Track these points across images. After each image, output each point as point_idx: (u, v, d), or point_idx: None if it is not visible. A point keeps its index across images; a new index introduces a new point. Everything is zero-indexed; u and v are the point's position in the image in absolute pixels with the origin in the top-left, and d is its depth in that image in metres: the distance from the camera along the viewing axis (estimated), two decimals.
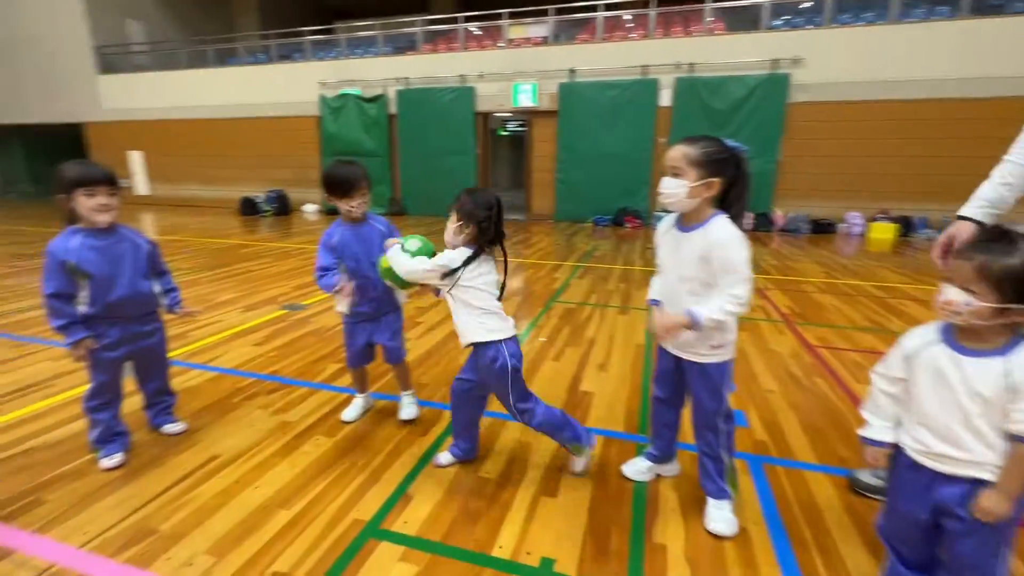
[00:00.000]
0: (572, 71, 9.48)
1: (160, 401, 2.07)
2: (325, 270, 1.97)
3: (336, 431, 2.13)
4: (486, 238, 1.62)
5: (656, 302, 1.59)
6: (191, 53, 12.83)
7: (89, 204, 1.68)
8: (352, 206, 1.94)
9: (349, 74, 10.99)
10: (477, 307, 1.65)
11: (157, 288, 1.92)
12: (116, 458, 1.86)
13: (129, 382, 1.96)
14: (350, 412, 2.23)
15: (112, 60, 12.85)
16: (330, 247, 1.98)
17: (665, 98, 9.07)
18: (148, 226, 9.27)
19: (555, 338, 3.33)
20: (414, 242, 1.71)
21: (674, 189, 1.38)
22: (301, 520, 1.60)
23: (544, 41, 9.93)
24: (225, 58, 12.57)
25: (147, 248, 1.89)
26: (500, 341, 1.65)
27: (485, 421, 2.20)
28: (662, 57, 8.95)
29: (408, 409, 2.22)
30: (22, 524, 1.57)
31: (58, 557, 1.44)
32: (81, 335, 1.71)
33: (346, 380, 2.54)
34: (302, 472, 1.85)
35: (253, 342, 3.19)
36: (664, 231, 1.54)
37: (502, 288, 1.72)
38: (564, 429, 1.76)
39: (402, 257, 1.68)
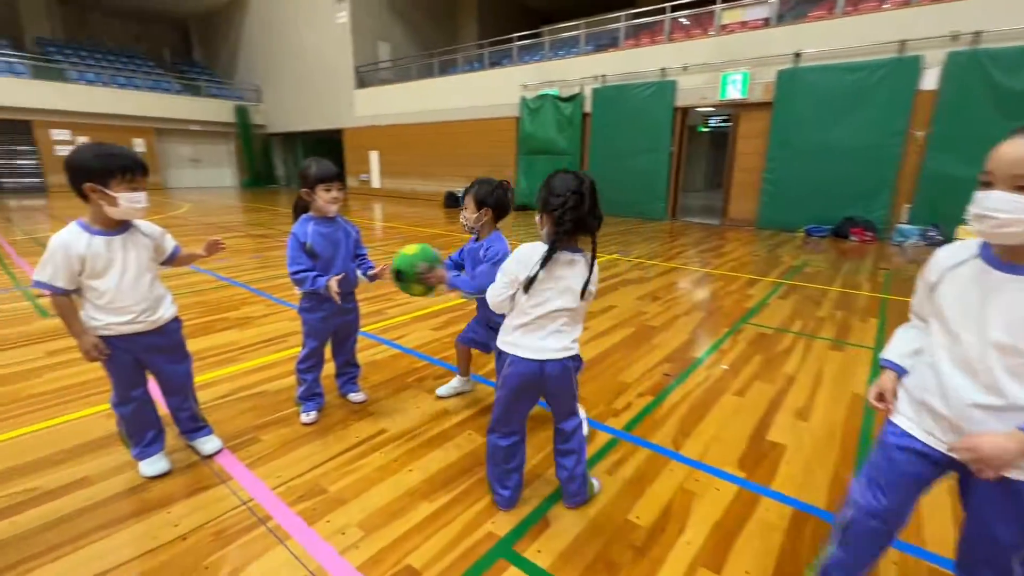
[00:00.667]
0: (797, 55, 8.13)
1: (347, 372, 2.34)
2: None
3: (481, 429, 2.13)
4: (563, 229, 1.39)
5: (897, 367, 1.11)
6: (421, 66, 14.85)
7: (326, 197, 1.97)
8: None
9: (549, 75, 11.36)
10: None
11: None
12: (312, 415, 2.16)
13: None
14: (443, 389, 2.43)
15: (364, 76, 15.68)
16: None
17: (929, 80, 7.13)
18: (376, 213, 11.07)
19: (740, 367, 2.84)
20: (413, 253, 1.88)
21: (1015, 210, 0.86)
22: (440, 517, 1.61)
23: (764, 24, 8.73)
24: (448, 68, 14.23)
25: (355, 235, 2.15)
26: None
27: (643, 453, 1.94)
28: (930, 27, 7.03)
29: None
30: (241, 456, 1.91)
31: (256, 493, 1.70)
32: (321, 283, 1.96)
33: None
34: (450, 465, 1.88)
35: (432, 326, 3.46)
36: (954, 265, 1.02)
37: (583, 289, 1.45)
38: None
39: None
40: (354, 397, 2.33)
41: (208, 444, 1.92)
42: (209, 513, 1.61)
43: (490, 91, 12.56)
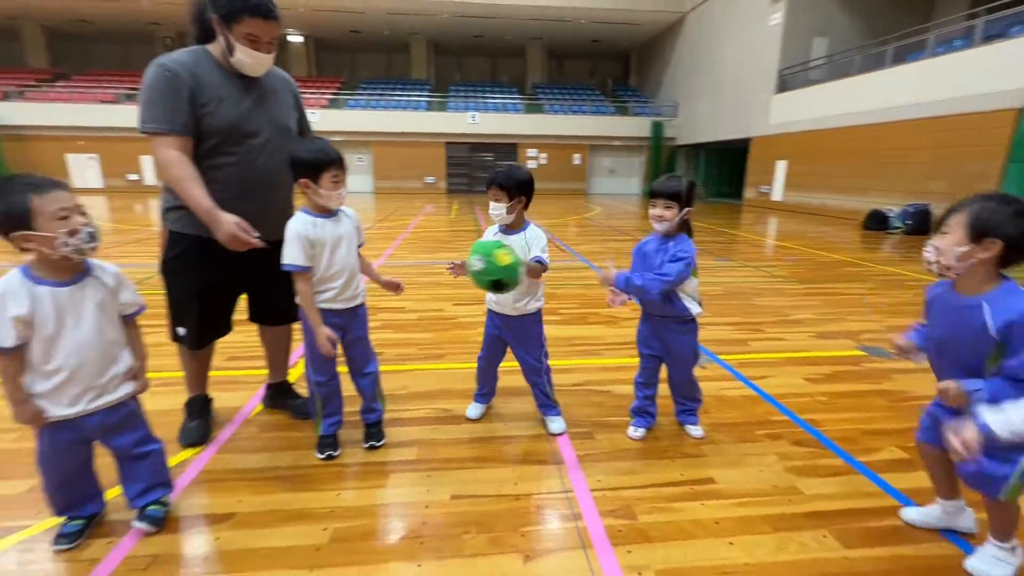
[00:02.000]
0: None
1: (684, 404, 2.18)
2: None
3: (851, 540, 1.56)
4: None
5: None
6: (864, 59, 12.26)
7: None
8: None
9: None
10: None
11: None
12: (640, 432, 2.13)
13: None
14: (913, 513, 1.65)
15: (788, 79, 14.26)
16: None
17: None
18: (771, 229, 10.05)
19: None
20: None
21: None
22: None
23: None
24: (904, 55, 11.22)
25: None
26: None
27: None
28: None
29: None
30: (576, 446, 2.08)
31: (577, 487, 1.81)
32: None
33: (905, 478, 1.81)
34: (785, 566, 1.47)
35: (807, 375, 2.83)
36: None
37: None
38: None
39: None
40: (691, 430, 2.16)
41: (555, 424, 2.18)
42: (538, 486, 1.82)
43: (973, 76, 9.13)
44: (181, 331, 1.98)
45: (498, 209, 1.94)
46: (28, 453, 1.95)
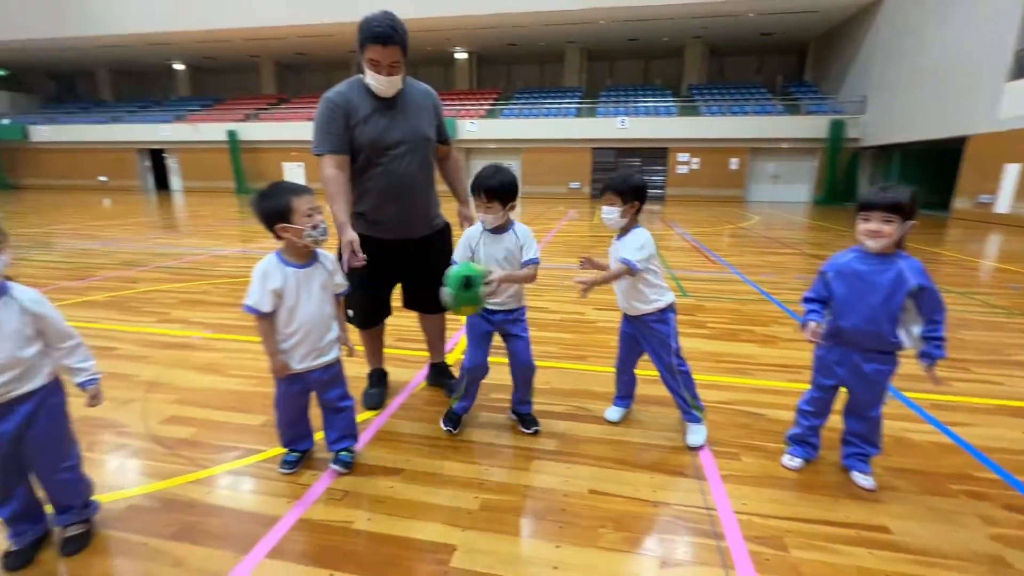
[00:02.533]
0: None
1: (855, 444, 1.92)
2: None
3: None
4: None
5: None
6: None
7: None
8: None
9: None
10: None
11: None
12: (796, 462, 1.96)
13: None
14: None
15: None
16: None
17: None
18: (990, 248, 8.17)
19: None
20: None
21: None
22: None
23: None
24: None
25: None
26: None
27: None
28: None
29: None
30: (720, 464, 2.00)
31: (720, 506, 1.75)
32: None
33: None
34: None
35: None
36: None
37: None
38: None
39: None
40: (859, 479, 1.87)
41: (693, 435, 2.12)
42: (676, 497, 1.80)
43: None
44: (351, 313, 2.37)
45: (611, 213, 2.02)
46: (263, 396, 2.52)
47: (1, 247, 1.31)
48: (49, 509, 1.53)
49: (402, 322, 3.01)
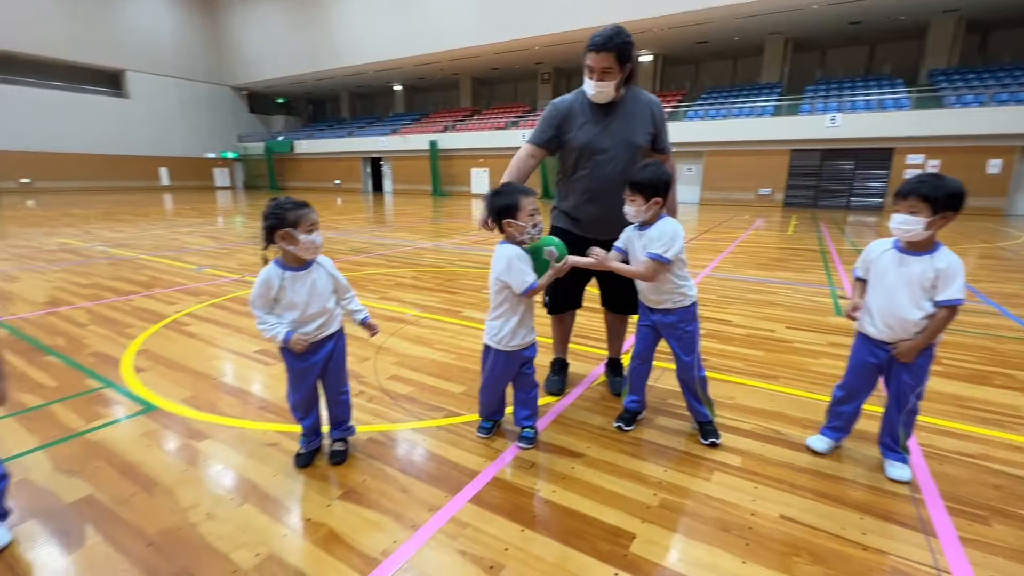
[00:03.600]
0: None
1: None
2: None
3: None
4: None
5: None
6: None
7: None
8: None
9: None
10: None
11: None
12: None
13: None
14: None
15: None
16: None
17: None
18: None
19: None
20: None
21: None
22: None
23: None
24: None
25: None
26: None
27: None
28: None
29: None
30: (958, 523, 1.67)
31: (956, 571, 1.47)
32: None
33: None
34: None
35: None
36: None
37: None
38: None
39: None
40: None
41: (896, 470, 1.88)
42: (892, 546, 1.57)
43: None
44: (546, 299, 2.59)
45: (913, 224, 1.70)
46: (461, 368, 2.91)
47: (314, 229, 1.78)
48: (325, 429, 2.04)
49: (583, 320, 3.13)
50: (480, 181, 25.31)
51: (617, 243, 2.13)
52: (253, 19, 29.13)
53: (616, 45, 2.06)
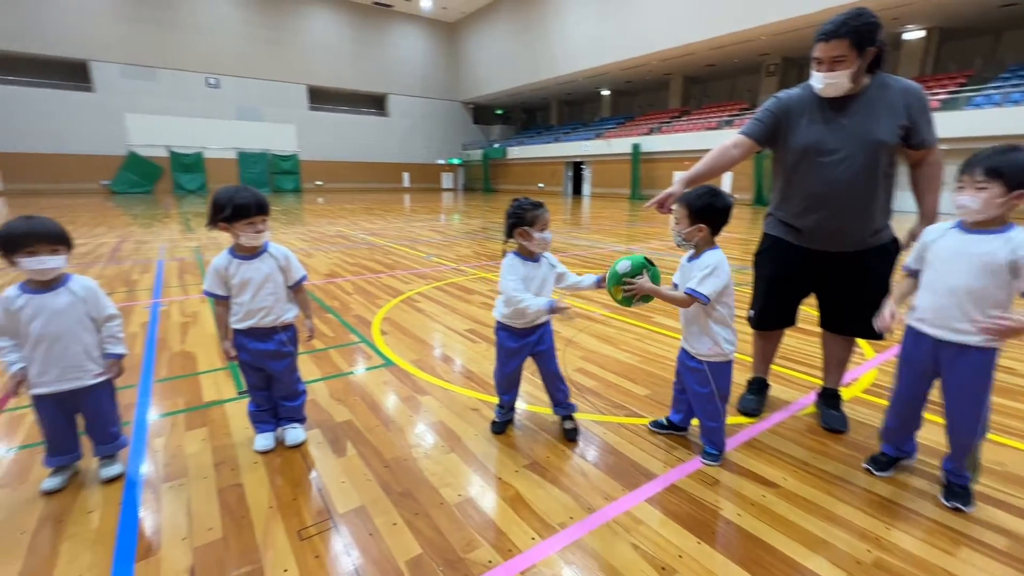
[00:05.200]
0: None
1: None
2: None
3: None
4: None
5: None
6: None
7: None
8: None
9: None
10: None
11: None
12: None
13: None
14: None
15: None
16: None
17: None
18: None
19: None
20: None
21: None
22: None
23: None
24: None
25: None
26: None
27: None
28: None
29: None
30: None
31: None
32: None
33: None
34: None
35: None
36: None
37: None
38: None
39: None
40: None
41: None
42: None
43: None
44: (751, 312, 2.37)
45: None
46: (647, 372, 2.89)
47: (545, 227, 2.01)
48: (530, 407, 2.28)
49: (790, 343, 2.77)
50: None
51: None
52: (485, 41, 32.89)
53: (851, 30, 1.79)
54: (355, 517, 1.68)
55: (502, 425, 2.24)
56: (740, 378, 2.59)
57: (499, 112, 39.46)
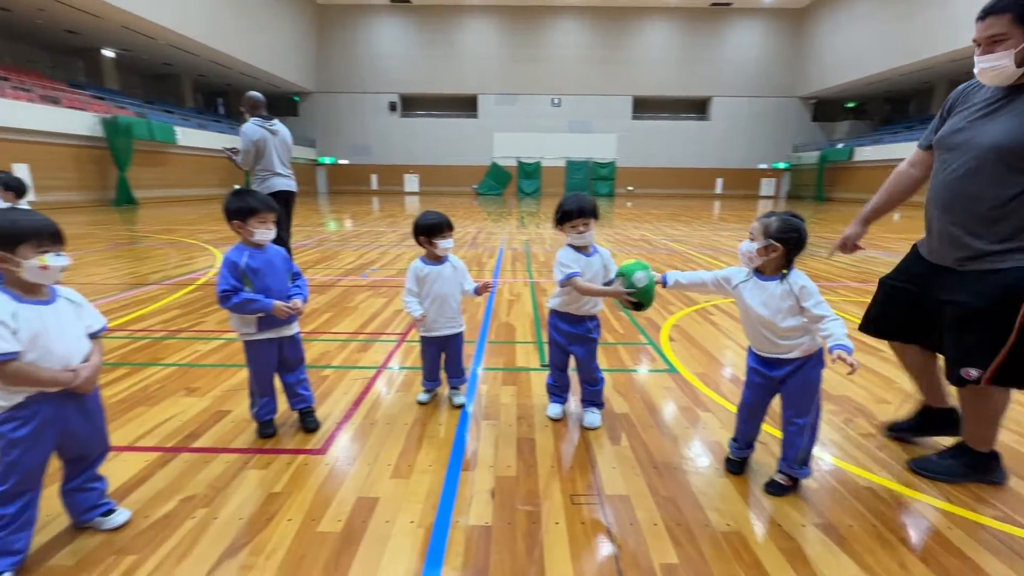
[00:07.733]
0: None
1: None
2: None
3: None
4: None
5: None
6: None
7: None
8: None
9: None
10: None
11: None
12: None
13: None
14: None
15: None
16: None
17: None
18: None
19: None
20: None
21: None
22: None
23: None
24: None
25: None
26: None
27: None
28: None
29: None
30: None
31: None
32: None
33: None
34: None
35: None
36: None
37: None
38: None
39: None
40: None
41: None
42: None
43: None
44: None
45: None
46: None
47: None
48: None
49: None
50: None
51: None
52: (843, 21, 27.69)
53: (1012, 3, 1.51)
54: (619, 503, 1.79)
55: (738, 464, 1.96)
56: None
57: (850, 105, 32.66)
